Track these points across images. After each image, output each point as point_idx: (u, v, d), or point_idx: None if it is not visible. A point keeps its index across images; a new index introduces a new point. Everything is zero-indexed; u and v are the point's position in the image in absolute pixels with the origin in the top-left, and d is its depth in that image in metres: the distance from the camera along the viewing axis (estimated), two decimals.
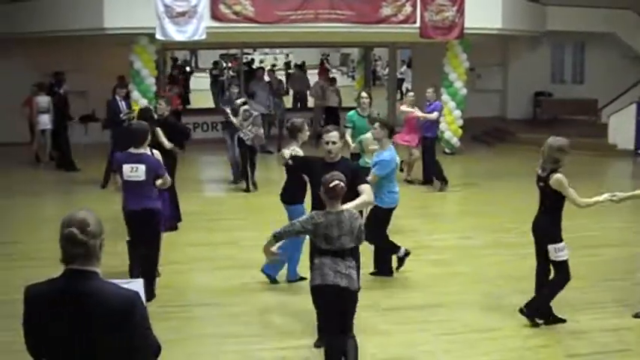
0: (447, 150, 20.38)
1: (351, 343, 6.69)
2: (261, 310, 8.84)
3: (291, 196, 9.34)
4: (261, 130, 16.03)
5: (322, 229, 6.49)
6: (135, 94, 18.33)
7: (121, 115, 16.00)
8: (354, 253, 6.72)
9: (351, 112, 13.32)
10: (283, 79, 29.52)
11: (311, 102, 25.26)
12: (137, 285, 4.66)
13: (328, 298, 6.59)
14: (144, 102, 17.89)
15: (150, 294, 9.18)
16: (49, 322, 3.77)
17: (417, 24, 19.01)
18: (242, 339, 8.00)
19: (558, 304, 8.97)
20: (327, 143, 7.67)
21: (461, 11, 19.02)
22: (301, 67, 29.03)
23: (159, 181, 9.14)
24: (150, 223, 9.13)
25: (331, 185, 6.47)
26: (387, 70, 30.65)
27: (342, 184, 6.48)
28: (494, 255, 11.15)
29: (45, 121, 18.44)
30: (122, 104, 16.34)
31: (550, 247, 8.10)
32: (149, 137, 9.42)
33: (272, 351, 7.69)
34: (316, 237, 6.56)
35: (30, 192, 16.00)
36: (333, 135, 7.69)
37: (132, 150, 9.17)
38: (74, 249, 3.82)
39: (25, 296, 3.91)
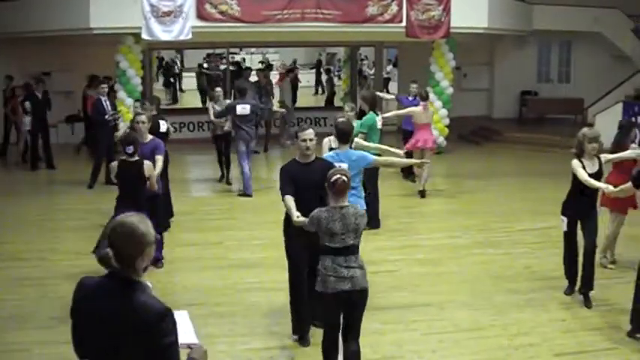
0: None
1: (354, 351, 6.65)
2: (249, 310, 8.81)
3: None
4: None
5: (325, 223, 6.45)
6: (121, 94, 18.28)
7: (106, 117, 15.94)
8: (357, 251, 6.60)
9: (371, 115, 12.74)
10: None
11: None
12: (182, 315, 4.59)
13: (333, 304, 6.56)
14: (129, 101, 17.83)
15: None
16: (90, 319, 3.79)
17: (403, 23, 19.03)
18: (230, 339, 7.99)
19: (547, 302, 9.02)
20: (304, 141, 7.52)
21: (447, 10, 19.05)
22: (270, 68, 29.02)
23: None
24: None
25: (332, 180, 6.46)
26: (373, 69, 30.63)
27: (343, 177, 6.44)
28: (483, 254, 11.16)
29: (28, 121, 18.33)
30: (107, 104, 16.25)
31: None
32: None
33: (259, 351, 7.68)
34: (321, 233, 6.52)
35: (16, 192, 15.92)
36: (310, 132, 7.57)
37: None
38: (110, 267, 3.77)
39: (76, 287, 3.93)
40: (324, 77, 36.22)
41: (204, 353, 3.98)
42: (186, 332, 4.24)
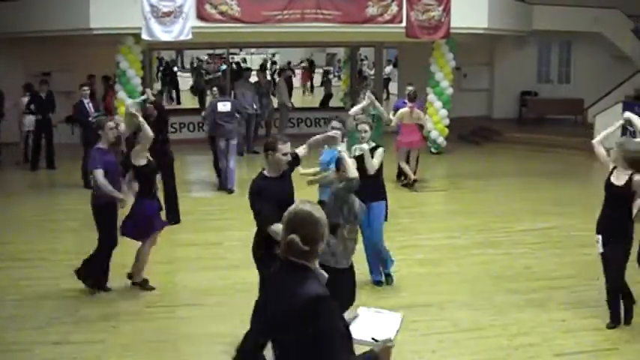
0: (433, 150, 20.38)
1: None
2: (249, 310, 8.77)
3: None
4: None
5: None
6: (121, 95, 18.28)
7: (90, 119, 15.92)
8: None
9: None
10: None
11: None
12: (396, 318, 4.65)
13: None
14: (129, 102, 17.80)
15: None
16: (266, 301, 4.15)
17: (403, 24, 19.02)
18: (230, 339, 7.96)
19: (547, 302, 9.02)
20: (285, 155, 7.09)
21: (447, 11, 19.05)
22: (264, 68, 29.10)
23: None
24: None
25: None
26: (373, 70, 30.64)
27: None
28: (483, 254, 11.16)
29: (28, 122, 18.35)
30: (89, 106, 16.28)
31: None
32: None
33: None
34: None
35: (16, 192, 15.93)
36: (289, 145, 7.18)
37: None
38: (293, 253, 3.96)
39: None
40: (319, 78, 36.19)
41: (386, 350, 4.05)
42: (387, 329, 4.44)
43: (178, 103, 31.68)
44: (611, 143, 8.89)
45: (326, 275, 4.00)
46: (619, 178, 8.11)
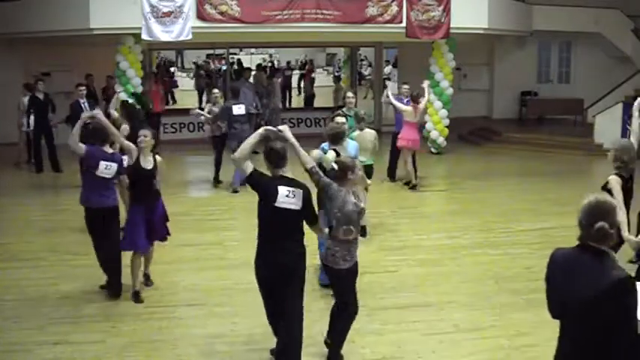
0: (433, 150, 20.39)
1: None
2: (249, 310, 8.79)
3: None
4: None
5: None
6: (121, 95, 18.27)
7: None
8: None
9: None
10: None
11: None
12: None
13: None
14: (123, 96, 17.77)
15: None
16: (563, 283, 4.52)
17: (403, 24, 19.02)
18: (230, 339, 7.99)
19: (544, 302, 9.01)
20: None
21: (447, 11, 19.04)
22: (261, 68, 29.04)
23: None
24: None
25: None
26: (368, 69, 30.59)
27: None
28: (483, 255, 11.16)
29: (28, 122, 18.32)
30: (85, 105, 16.25)
31: None
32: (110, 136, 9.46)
33: (260, 352, 7.67)
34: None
35: (17, 193, 15.90)
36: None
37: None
38: (597, 239, 4.38)
39: (551, 257, 4.66)
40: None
41: None
42: None
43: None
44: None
45: (616, 258, 4.42)
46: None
